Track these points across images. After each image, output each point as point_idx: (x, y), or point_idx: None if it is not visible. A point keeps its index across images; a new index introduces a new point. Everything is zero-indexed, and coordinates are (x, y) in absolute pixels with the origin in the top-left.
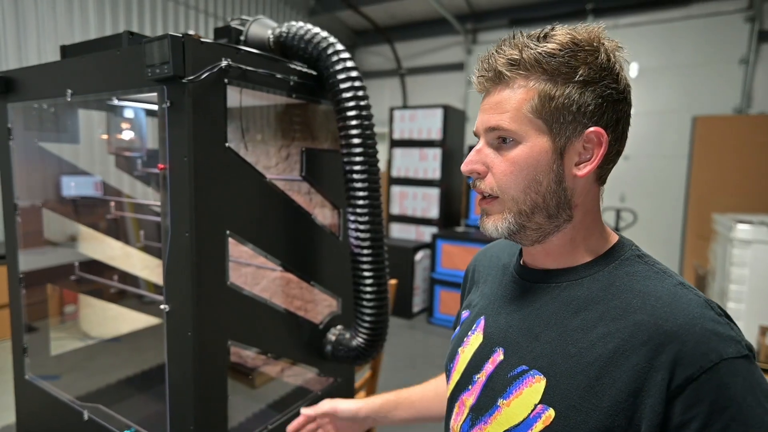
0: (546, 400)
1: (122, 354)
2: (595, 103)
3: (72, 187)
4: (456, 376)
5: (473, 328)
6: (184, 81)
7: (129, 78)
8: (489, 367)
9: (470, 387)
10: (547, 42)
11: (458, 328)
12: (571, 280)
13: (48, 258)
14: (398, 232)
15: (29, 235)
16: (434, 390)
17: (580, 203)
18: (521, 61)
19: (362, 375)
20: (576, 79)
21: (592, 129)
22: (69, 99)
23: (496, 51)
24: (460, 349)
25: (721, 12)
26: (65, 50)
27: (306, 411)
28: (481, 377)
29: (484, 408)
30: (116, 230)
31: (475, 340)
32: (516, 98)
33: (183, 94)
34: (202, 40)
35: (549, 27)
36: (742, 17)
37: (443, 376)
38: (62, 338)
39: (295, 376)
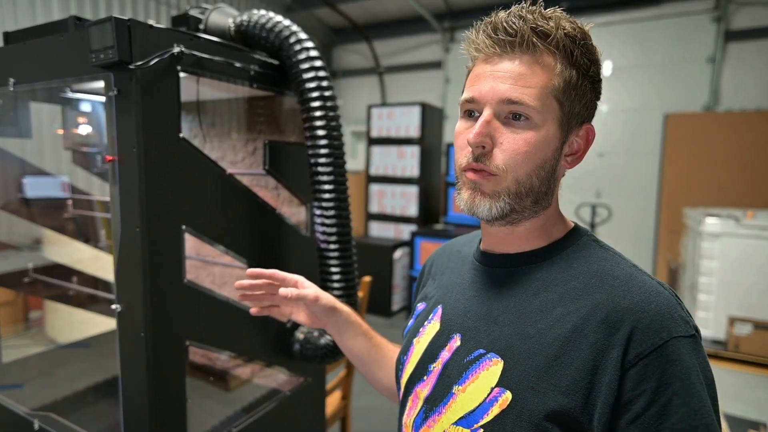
0: (503, 382)
1: (90, 359)
2: (594, 102)
3: (35, 188)
4: (410, 368)
5: (429, 317)
6: (131, 67)
7: (75, 65)
8: (445, 354)
9: (425, 378)
10: (565, 23)
11: (412, 320)
12: (531, 263)
13: (10, 262)
14: (377, 230)
15: None
16: (393, 352)
17: (554, 193)
18: (555, 37)
19: (337, 374)
20: (589, 73)
21: (587, 125)
22: (12, 88)
23: (521, 17)
24: (415, 340)
25: (689, 12)
26: (8, 37)
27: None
28: (437, 366)
29: (438, 398)
30: (83, 231)
31: (431, 328)
32: (542, 75)
33: (131, 81)
34: (151, 24)
35: (552, 9)
36: (709, 17)
37: None
38: (27, 345)
39: (268, 378)
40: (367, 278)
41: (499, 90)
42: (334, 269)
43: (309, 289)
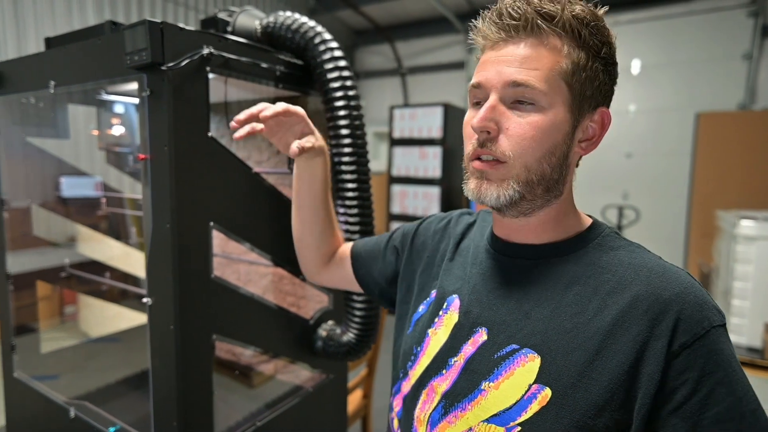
0: (541, 379)
1: (121, 353)
2: (609, 84)
3: (71, 187)
4: (425, 359)
5: (444, 307)
6: (163, 68)
7: (110, 67)
8: (469, 348)
9: (444, 371)
10: (575, 6)
11: (424, 308)
12: (558, 256)
13: (47, 258)
14: None
15: (26, 236)
16: (324, 219)
17: (568, 180)
18: (560, 19)
19: (358, 373)
20: (601, 54)
21: (602, 108)
22: (52, 91)
23: (527, 1)
24: (430, 331)
25: (723, 7)
26: (49, 42)
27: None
28: (459, 360)
29: (462, 393)
30: (115, 229)
31: (448, 320)
32: (549, 57)
33: (162, 81)
34: (182, 27)
35: None
36: (745, 12)
37: (336, 231)
38: (62, 338)
39: (290, 374)
40: None
41: (504, 73)
42: None
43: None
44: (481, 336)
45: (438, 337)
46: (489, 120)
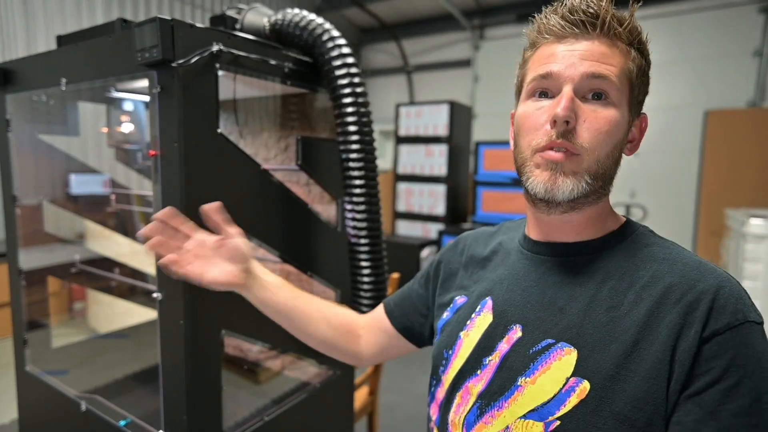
0: (579, 372)
1: (130, 349)
2: (647, 92)
3: (80, 185)
4: (458, 362)
5: (477, 309)
6: (173, 65)
7: (121, 64)
8: (504, 346)
9: (479, 372)
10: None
11: (449, 313)
12: (591, 253)
13: (56, 255)
14: (404, 229)
15: (37, 232)
16: (321, 305)
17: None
18: (630, 24)
19: (364, 370)
20: (649, 64)
21: (643, 113)
22: (63, 88)
23: (596, 3)
24: (462, 333)
25: (733, 3)
26: (61, 40)
27: (207, 211)
28: (494, 359)
29: (498, 392)
30: (123, 226)
31: (482, 321)
32: (620, 57)
33: (173, 78)
34: (192, 24)
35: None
36: (756, 8)
37: (339, 306)
38: (71, 334)
39: (298, 371)
40: (395, 275)
41: (582, 65)
42: (364, 263)
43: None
44: (516, 333)
45: (470, 338)
46: (571, 110)
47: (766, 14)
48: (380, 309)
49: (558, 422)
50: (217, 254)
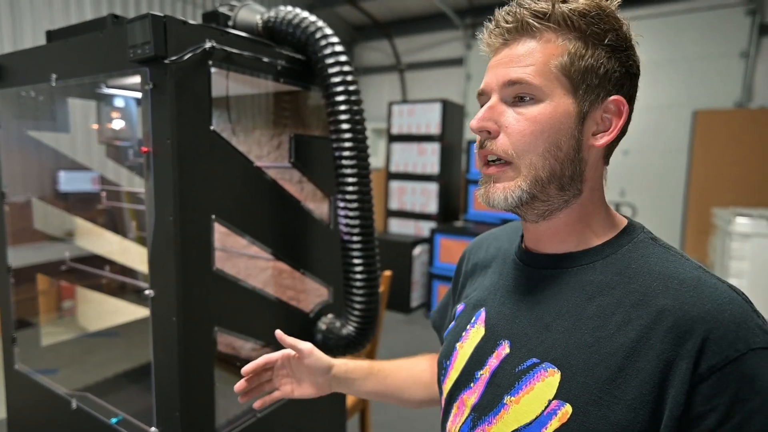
0: (561, 395)
1: (121, 347)
2: (620, 72)
3: (69, 182)
4: (454, 374)
5: (472, 320)
6: (166, 62)
7: (112, 60)
8: (493, 362)
9: (472, 385)
10: (574, 1)
11: (452, 322)
12: (582, 264)
13: (45, 253)
14: (397, 227)
15: (26, 230)
16: (408, 371)
17: (588, 178)
18: (552, 14)
19: None
20: (606, 42)
21: (614, 97)
22: (54, 84)
23: (519, 4)
24: (458, 345)
25: (722, 5)
26: (50, 35)
27: (282, 337)
28: (485, 374)
29: (488, 407)
30: (113, 223)
31: (475, 333)
32: (543, 52)
33: (165, 75)
34: (185, 21)
35: None
36: (743, 10)
37: (420, 358)
38: (60, 332)
39: None
40: (387, 272)
41: (500, 74)
42: (356, 261)
43: (304, 343)
44: (504, 349)
45: (465, 350)
46: (487, 120)
47: (753, 16)
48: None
49: None
50: (300, 371)
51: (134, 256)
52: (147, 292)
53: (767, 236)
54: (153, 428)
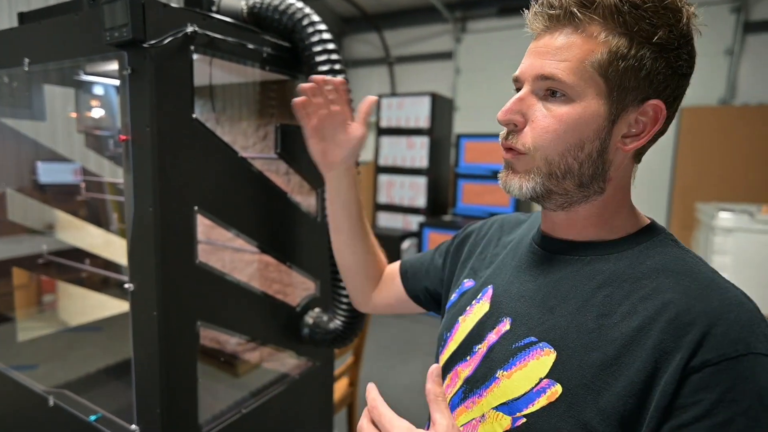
0: (554, 374)
1: (102, 342)
2: (665, 73)
3: (48, 173)
4: (453, 345)
5: (478, 296)
6: (145, 46)
7: (88, 44)
8: (492, 337)
9: (468, 358)
10: None
11: (455, 295)
12: (597, 254)
13: (24, 246)
14: (385, 221)
15: (1, 222)
16: (376, 247)
17: (614, 177)
18: (600, 3)
19: (344, 361)
20: (654, 41)
21: (653, 101)
22: (26, 68)
23: None
24: (460, 318)
25: (707, 2)
26: (23, 17)
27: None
28: (482, 348)
29: (480, 380)
30: (95, 215)
31: (479, 309)
32: (582, 47)
33: (144, 59)
34: (165, 3)
35: None
36: (728, 8)
37: (378, 248)
38: (40, 327)
39: (276, 362)
40: None
41: (535, 66)
42: None
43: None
44: (505, 326)
45: (466, 324)
46: (514, 112)
47: (738, 14)
48: (395, 269)
49: (524, 419)
50: (334, 129)
51: (116, 249)
52: (126, 285)
53: (749, 231)
54: (134, 426)
